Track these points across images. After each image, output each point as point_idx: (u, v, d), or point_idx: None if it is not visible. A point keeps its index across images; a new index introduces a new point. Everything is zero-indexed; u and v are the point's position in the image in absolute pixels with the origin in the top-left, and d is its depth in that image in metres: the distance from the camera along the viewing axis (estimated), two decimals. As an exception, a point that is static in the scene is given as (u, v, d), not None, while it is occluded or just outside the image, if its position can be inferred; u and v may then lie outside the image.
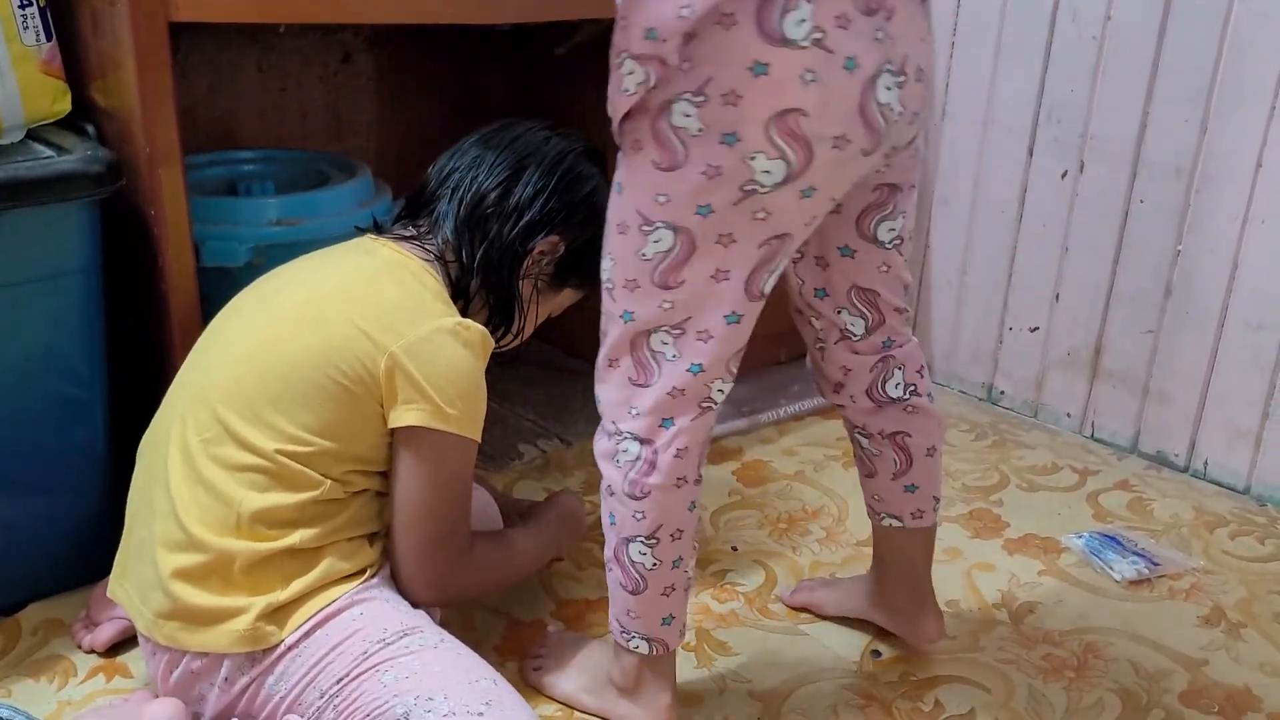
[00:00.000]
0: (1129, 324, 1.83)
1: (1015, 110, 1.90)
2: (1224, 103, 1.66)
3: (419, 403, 1.08)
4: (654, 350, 1.05)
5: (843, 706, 1.25)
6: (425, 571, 1.13)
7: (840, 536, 1.59)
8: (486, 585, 1.27)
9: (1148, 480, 1.79)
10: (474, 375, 1.11)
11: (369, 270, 1.16)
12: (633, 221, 1.01)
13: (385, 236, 1.21)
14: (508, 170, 1.22)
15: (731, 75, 0.92)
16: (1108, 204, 1.81)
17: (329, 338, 1.08)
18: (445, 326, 1.10)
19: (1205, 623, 1.43)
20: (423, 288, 1.15)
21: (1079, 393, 1.93)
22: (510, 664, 1.30)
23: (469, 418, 1.10)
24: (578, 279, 1.28)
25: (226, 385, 1.09)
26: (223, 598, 1.05)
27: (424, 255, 1.19)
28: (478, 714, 0.98)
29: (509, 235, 1.21)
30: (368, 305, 1.11)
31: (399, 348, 1.07)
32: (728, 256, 1.00)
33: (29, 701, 1.19)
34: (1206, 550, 1.60)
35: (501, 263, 1.21)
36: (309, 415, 1.07)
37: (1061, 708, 1.26)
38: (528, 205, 1.21)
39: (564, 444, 1.82)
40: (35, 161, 1.23)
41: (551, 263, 1.25)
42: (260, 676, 1.05)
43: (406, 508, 1.12)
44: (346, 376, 1.07)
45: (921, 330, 2.13)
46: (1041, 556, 1.56)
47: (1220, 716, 1.26)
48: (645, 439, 1.07)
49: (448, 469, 1.12)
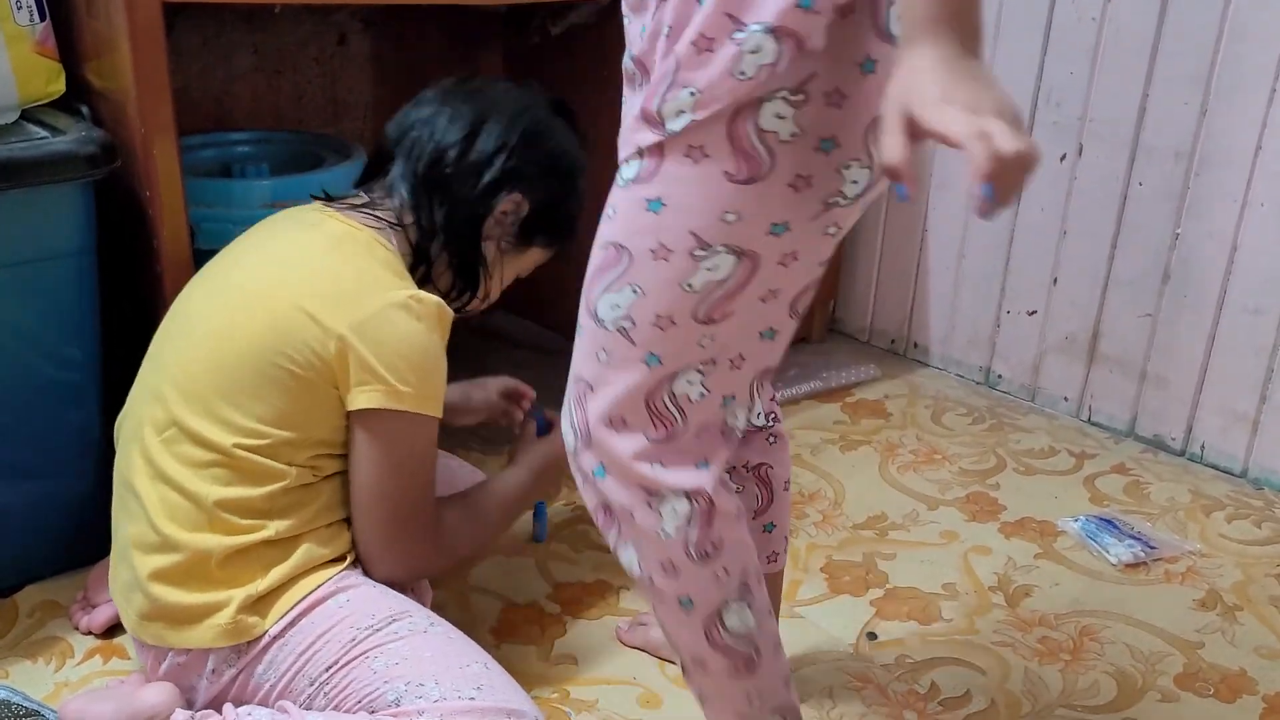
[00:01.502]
0: (1127, 308, 1.83)
1: (1014, 93, 1.87)
2: (1224, 86, 1.65)
3: (372, 384, 1.04)
4: (677, 395, 0.87)
5: (838, 689, 1.26)
6: (390, 553, 1.10)
7: (837, 520, 1.59)
8: (461, 553, 1.21)
9: (1144, 464, 1.79)
10: (429, 350, 1.06)
11: (314, 246, 1.11)
12: (680, 246, 0.82)
13: (334, 206, 1.15)
14: (467, 126, 1.16)
15: (840, 72, 0.78)
16: (1106, 188, 1.81)
17: (273, 325, 1.05)
18: (396, 301, 1.05)
19: (1201, 606, 1.43)
20: (372, 260, 1.09)
21: (1076, 376, 1.93)
22: (506, 646, 1.30)
23: (426, 395, 1.06)
24: (544, 237, 1.23)
25: (180, 381, 1.07)
26: (202, 594, 1.03)
27: (376, 223, 1.13)
28: (469, 698, 0.98)
29: (470, 195, 1.15)
30: (313, 285, 1.06)
31: (347, 328, 1.03)
32: (784, 276, 0.85)
33: (27, 683, 1.20)
34: (1203, 533, 1.60)
35: (463, 224, 1.16)
36: (262, 407, 1.04)
37: (1057, 690, 1.27)
38: (488, 163, 1.15)
39: (561, 427, 1.82)
40: (29, 143, 1.22)
41: (516, 222, 1.19)
42: (249, 666, 1.04)
43: (365, 491, 1.08)
44: (296, 363, 1.04)
45: (919, 314, 2.13)
46: (1038, 540, 1.57)
47: (1216, 699, 1.27)
48: (693, 490, 0.88)
49: (406, 449, 1.08)
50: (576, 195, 1.24)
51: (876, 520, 1.60)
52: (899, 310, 2.16)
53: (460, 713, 0.97)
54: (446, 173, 1.15)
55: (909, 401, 1.98)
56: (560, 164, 1.19)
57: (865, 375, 2.03)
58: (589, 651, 1.30)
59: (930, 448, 1.81)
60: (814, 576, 1.46)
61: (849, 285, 2.22)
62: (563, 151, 1.20)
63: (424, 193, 1.15)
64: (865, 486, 1.69)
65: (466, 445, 1.71)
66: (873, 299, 2.19)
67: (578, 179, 1.24)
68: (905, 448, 1.81)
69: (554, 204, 1.20)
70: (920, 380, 2.07)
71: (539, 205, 1.19)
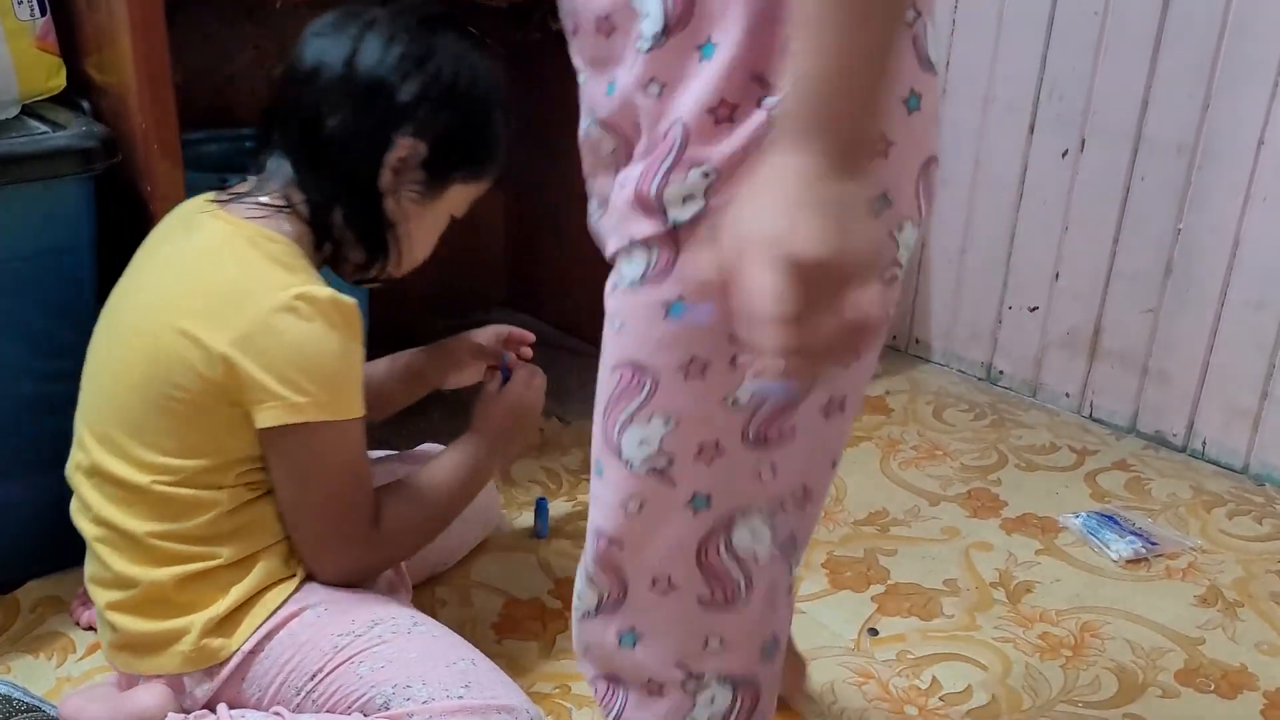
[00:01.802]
0: (1129, 303, 1.83)
1: (1016, 87, 1.89)
2: (1227, 79, 1.65)
3: (267, 401, 0.96)
4: (739, 549, 0.70)
5: (840, 684, 1.26)
6: (330, 561, 1.05)
7: (838, 516, 1.59)
8: (414, 542, 1.13)
9: (1146, 460, 1.79)
10: (325, 350, 0.97)
11: (190, 256, 1.02)
12: (716, 354, 0.67)
13: (221, 199, 1.05)
14: (333, 74, 1.01)
15: (884, 115, 0.64)
16: (1109, 182, 1.81)
17: (156, 356, 0.98)
18: (279, 305, 0.95)
19: (1202, 602, 1.43)
20: (256, 258, 0.99)
21: (1078, 372, 1.92)
22: (508, 641, 1.30)
23: (330, 399, 0.98)
24: (462, 172, 1.09)
25: (92, 424, 1.03)
26: (163, 621, 1.01)
27: (262, 212, 1.03)
28: (458, 697, 0.97)
29: (351, 153, 1.02)
30: (189, 303, 0.98)
31: (229, 346, 0.95)
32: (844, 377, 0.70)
33: (29, 678, 1.20)
34: (1204, 530, 1.60)
35: (353, 188, 1.03)
36: (168, 440, 0.99)
37: (1058, 685, 1.27)
38: (362, 110, 1.01)
39: (562, 422, 1.82)
40: (29, 137, 1.22)
41: (418, 166, 1.05)
42: (230, 681, 1.02)
43: (290, 507, 1.03)
44: (187, 391, 0.97)
45: (921, 309, 2.13)
46: (1039, 536, 1.56)
47: (1216, 695, 1.27)
48: (744, 678, 0.72)
49: (319, 460, 1.00)
50: (485, 114, 1.08)
51: (878, 516, 1.60)
52: (900, 306, 2.16)
53: (449, 712, 0.96)
54: (320, 134, 1.01)
55: (910, 397, 1.98)
56: (452, 86, 1.03)
57: (867, 370, 2.03)
58: (590, 647, 1.30)
59: (931, 444, 1.81)
60: (815, 572, 1.46)
61: (850, 280, 2.21)
62: (451, 71, 1.04)
63: (304, 162, 1.03)
64: (866, 482, 1.69)
65: (468, 440, 1.71)
66: (874, 294, 2.19)
67: (482, 95, 1.07)
68: (906, 444, 1.81)
69: (459, 133, 1.05)
70: (922, 376, 2.07)
71: (440, 141, 1.04)
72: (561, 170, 2.05)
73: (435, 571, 1.39)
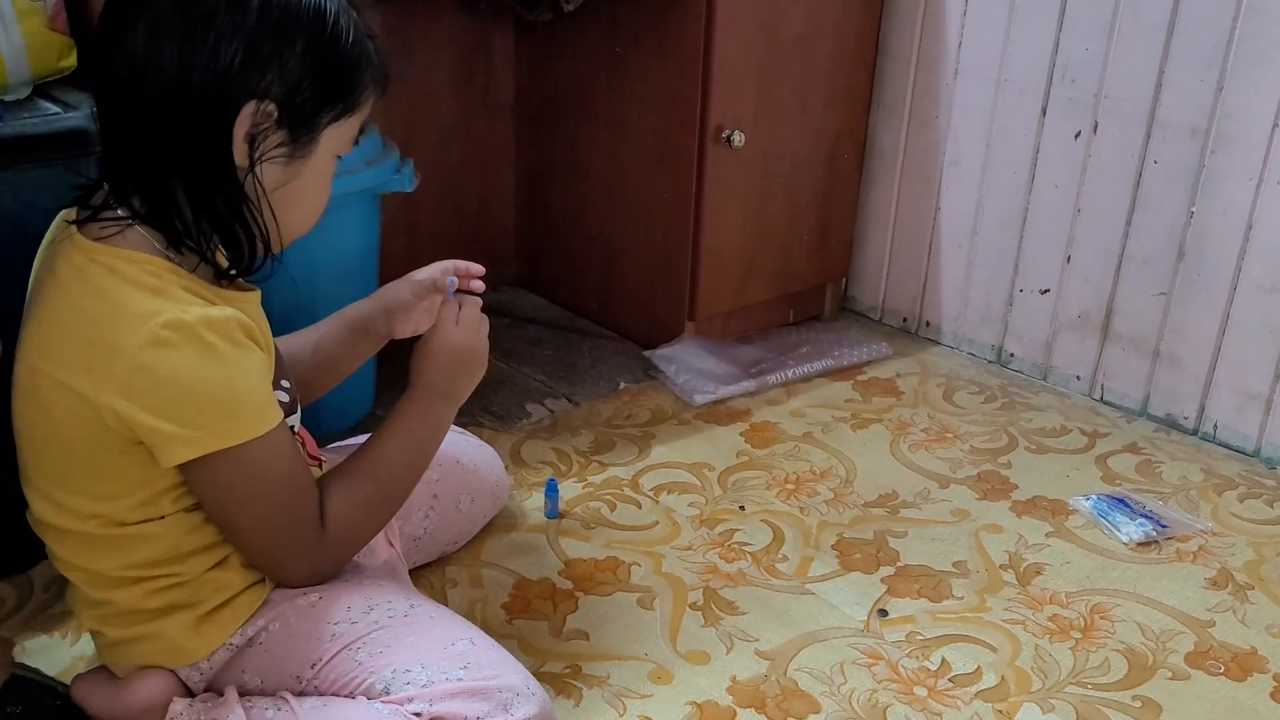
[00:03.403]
0: (1141, 286, 1.82)
1: (1029, 69, 1.88)
2: (1241, 62, 1.64)
3: (163, 442, 0.90)
4: None
5: (849, 665, 1.26)
6: (286, 576, 1.03)
7: (848, 498, 1.59)
8: (374, 528, 1.08)
9: (1157, 443, 1.79)
10: (206, 374, 0.89)
11: (51, 297, 0.93)
12: None
13: (77, 221, 0.94)
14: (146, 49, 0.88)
15: None
16: (1121, 165, 1.80)
17: (47, 409, 0.93)
18: (146, 339, 0.87)
19: (1212, 585, 1.43)
20: (117, 285, 0.90)
21: (1089, 355, 1.92)
22: (519, 622, 1.30)
23: (230, 423, 0.92)
24: (330, 110, 0.95)
25: (22, 472, 1.00)
26: (140, 627, 1.01)
27: (115, 228, 0.92)
28: (457, 679, 0.97)
29: (192, 138, 0.89)
30: (61, 351, 0.91)
31: (109, 394, 0.89)
32: None
33: (42, 656, 1.21)
34: (1215, 513, 1.59)
35: (203, 178, 0.91)
36: (95, 484, 0.95)
37: (1068, 667, 1.27)
38: (182, 84, 0.87)
39: (572, 403, 1.82)
40: (41, 118, 1.22)
41: (274, 128, 0.92)
42: (228, 670, 1.02)
43: (226, 534, 1.00)
44: (87, 440, 0.92)
45: (931, 292, 2.12)
46: (1049, 518, 1.56)
47: (1226, 677, 1.27)
48: None
49: (239, 485, 0.95)
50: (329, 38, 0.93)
51: (888, 498, 1.60)
52: (911, 288, 2.15)
53: (449, 695, 0.96)
54: (153, 125, 0.89)
55: (921, 380, 1.97)
56: (279, 27, 0.89)
57: (877, 353, 2.03)
58: (600, 627, 1.30)
59: (942, 426, 1.81)
60: (825, 554, 1.46)
61: (861, 263, 2.21)
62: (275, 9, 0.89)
63: (142, 160, 0.91)
64: (876, 464, 1.69)
65: (478, 422, 1.71)
66: (885, 277, 2.19)
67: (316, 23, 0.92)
68: (917, 426, 1.81)
69: (310, 76, 0.92)
70: (932, 358, 2.07)
71: (291, 91, 0.91)
72: (572, 150, 2.05)
73: (446, 552, 1.39)
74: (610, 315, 2.09)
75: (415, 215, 2.04)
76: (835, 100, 1.99)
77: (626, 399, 1.85)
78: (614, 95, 1.93)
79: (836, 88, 1.98)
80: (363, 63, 0.97)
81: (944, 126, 2.01)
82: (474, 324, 1.13)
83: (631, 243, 1.99)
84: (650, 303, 2.00)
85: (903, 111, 2.06)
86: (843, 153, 2.05)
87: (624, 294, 2.05)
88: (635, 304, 2.03)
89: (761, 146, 1.89)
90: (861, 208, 2.16)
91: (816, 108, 1.96)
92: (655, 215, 1.93)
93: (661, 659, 1.26)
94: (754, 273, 1.99)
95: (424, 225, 2.08)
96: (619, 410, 1.81)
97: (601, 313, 2.11)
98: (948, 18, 1.96)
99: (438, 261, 1.21)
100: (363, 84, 0.97)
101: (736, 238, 1.93)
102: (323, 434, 1.25)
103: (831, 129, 2.01)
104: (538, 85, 2.09)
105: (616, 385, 1.88)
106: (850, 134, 2.05)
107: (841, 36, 1.94)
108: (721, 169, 1.85)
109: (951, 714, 1.20)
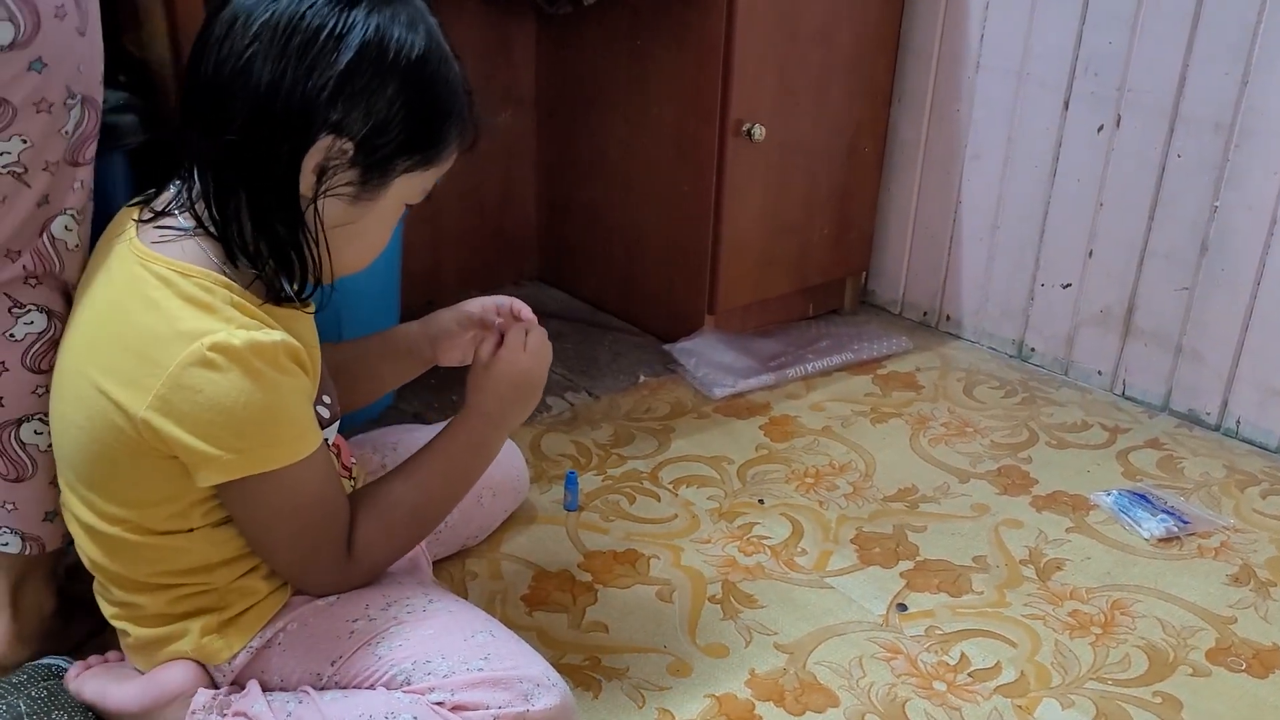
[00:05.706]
0: (1163, 281, 1.81)
1: (1051, 62, 1.87)
2: (1265, 56, 1.63)
3: (200, 462, 0.90)
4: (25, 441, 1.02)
5: (868, 659, 1.26)
6: (310, 588, 1.04)
7: (867, 491, 1.59)
8: (401, 551, 1.08)
9: (1178, 438, 1.78)
10: (249, 400, 0.88)
11: (100, 300, 0.94)
12: None
13: (140, 220, 0.95)
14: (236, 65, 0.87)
15: None
16: (1144, 159, 1.79)
17: (89, 415, 0.93)
18: (193, 359, 0.87)
19: (1234, 581, 1.42)
20: (168, 297, 0.90)
21: (1111, 350, 1.91)
22: (538, 614, 1.31)
23: (268, 449, 0.91)
24: (406, 159, 0.94)
25: (60, 468, 1.01)
26: (164, 627, 1.01)
27: (176, 236, 0.92)
28: (477, 669, 0.97)
29: (265, 161, 0.89)
30: (107, 359, 0.92)
31: (148, 410, 0.88)
32: None
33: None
34: (1237, 509, 1.59)
35: (267, 202, 0.91)
36: (125, 490, 0.95)
37: (1088, 663, 1.27)
38: (268, 101, 0.87)
39: (592, 397, 1.83)
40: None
41: (349, 166, 0.92)
42: (248, 671, 1.02)
43: (255, 549, 1.00)
44: (121, 449, 0.92)
45: (952, 286, 2.12)
46: (1070, 513, 1.56)
47: (1248, 674, 1.26)
48: None
49: (274, 507, 0.96)
50: (423, 92, 0.93)
51: (907, 492, 1.60)
52: (931, 282, 2.15)
53: (469, 685, 0.97)
54: (230, 139, 0.88)
55: (941, 374, 1.97)
56: (375, 68, 0.89)
57: (897, 347, 2.03)
58: (620, 619, 1.31)
59: (962, 420, 1.81)
60: (844, 548, 1.46)
61: (881, 257, 2.20)
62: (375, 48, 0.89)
63: (214, 173, 0.91)
64: (896, 459, 1.69)
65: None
66: (905, 271, 2.18)
67: (415, 68, 0.91)
68: (937, 420, 1.80)
69: (393, 121, 0.91)
70: (952, 353, 2.06)
71: (372, 133, 0.90)
72: (592, 144, 2.06)
73: (466, 545, 1.40)
74: (630, 309, 2.09)
75: (437, 208, 2.05)
76: (856, 93, 1.98)
77: (646, 392, 1.85)
78: (634, 89, 1.93)
79: (857, 81, 1.97)
80: (453, 117, 0.96)
81: (965, 120, 2.01)
82: (542, 351, 1.12)
83: (651, 236, 2.00)
84: (670, 296, 2.00)
85: (924, 104, 2.05)
86: (863, 146, 2.04)
87: (644, 287, 2.05)
88: (655, 297, 2.03)
89: (781, 139, 1.89)
90: (882, 201, 2.16)
91: (837, 101, 1.96)
92: (675, 209, 1.93)
93: (680, 652, 1.26)
94: (773, 266, 1.99)
95: (446, 219, 2.09)
96: (639, 403, 1.81)
97: (622, 306, 2.11)
98: (970, 10, 1.95)
99: (490, 296, 1.20)
100: (447, 140, 0.96)
101: (756, 231, 1.93)
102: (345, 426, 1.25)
103: (852, 122, 2.00)
104: (558, 79, 2.10)
105: (636, 379, 1.89)
106: (871, 127, 2.04)
107: (862, 29, 1.94)
108: (741, 162, 1.85)
109: (971, 709, 1.20)
